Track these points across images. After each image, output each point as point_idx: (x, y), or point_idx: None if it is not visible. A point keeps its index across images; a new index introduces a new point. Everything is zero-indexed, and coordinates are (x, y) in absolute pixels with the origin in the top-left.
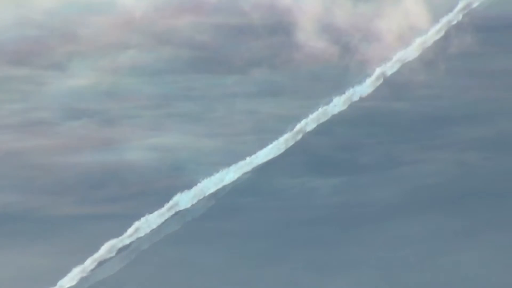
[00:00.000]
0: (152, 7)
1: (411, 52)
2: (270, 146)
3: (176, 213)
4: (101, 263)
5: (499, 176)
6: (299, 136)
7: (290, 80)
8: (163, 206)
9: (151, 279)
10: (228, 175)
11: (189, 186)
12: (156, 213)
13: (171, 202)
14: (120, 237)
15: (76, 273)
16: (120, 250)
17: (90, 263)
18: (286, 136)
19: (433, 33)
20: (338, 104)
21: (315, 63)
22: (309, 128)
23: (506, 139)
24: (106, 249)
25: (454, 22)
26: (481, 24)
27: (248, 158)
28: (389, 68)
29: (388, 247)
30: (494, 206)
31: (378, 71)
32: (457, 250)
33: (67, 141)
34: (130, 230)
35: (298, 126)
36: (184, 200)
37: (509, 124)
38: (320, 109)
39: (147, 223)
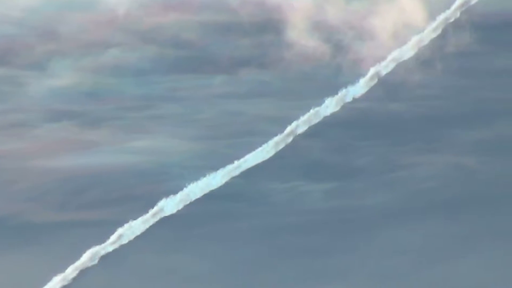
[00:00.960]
0: (136, 4)
1: (407, 51)
2: (259, 149)
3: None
4: (82, 272)
5: (498, 181)
6: (290, 139)
7: (280, 80)
8: (147, 212)
9: None
10: (215, 180)
11: (174, 191)
12: (140, 219)
13: (156, 208)
14: (103, 244)
15: (56, 282)
16: (103, 258)
17: (71, 271)
18: (276, 138)
19: (430, 31)
20: (330, 105)
21: (306, 63)
22: (300, 130)
23: (506, 142)
24: (88, 257)
25: (452, 20)
26: (480, 22)
27: (236, 162)
28: (384, 67)
29: (382, 255)
30: (494, 212)
31: (372, 70)
32: (455, 257)
33: (46, 144)
34: (113, 237)
35: (288, 128)
36: (169, 205)
37: (509, 126)
38: (311, 111)
39: (131, 229)
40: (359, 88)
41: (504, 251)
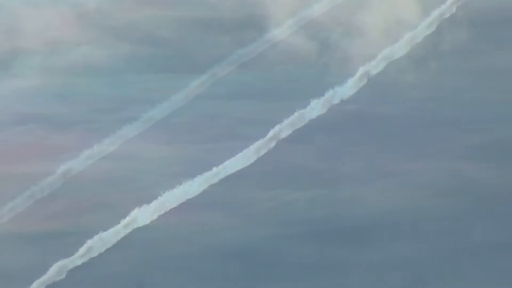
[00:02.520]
0: None
1: (399, 49)
2: (240, 154)
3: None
4: (49, 287)
5: (499, 189)
6: (273, 144)
7: (263, 81)
8: (119, 223)
9: None
10: (192, 188)
11: (148, 200)
12: (111, 230)
13: (128, 218)
14: (71, 257)
15: None
16: (71, 272)
17: (37, 286)
18: (258, 143)
19: (424, 28)
20: (316, 108)
21: (291, 62)
22: (284, 134)
23: (506, 146)
24: (55, 271)
25: (447, 16)
26: (477, 18)
27: (215, 169)
28: (374, 67)
29: (372, 270)
30: (494, 223)
31: (361, 70)
32: (451, 274)
33: (10, 149)
34: (82, 250)
35: (271, 132)
36: (142, 215)
37: (509, 130)
38: (296, 113)
39: (101, 241)
40: (347, 89)
41: (506, 267)
